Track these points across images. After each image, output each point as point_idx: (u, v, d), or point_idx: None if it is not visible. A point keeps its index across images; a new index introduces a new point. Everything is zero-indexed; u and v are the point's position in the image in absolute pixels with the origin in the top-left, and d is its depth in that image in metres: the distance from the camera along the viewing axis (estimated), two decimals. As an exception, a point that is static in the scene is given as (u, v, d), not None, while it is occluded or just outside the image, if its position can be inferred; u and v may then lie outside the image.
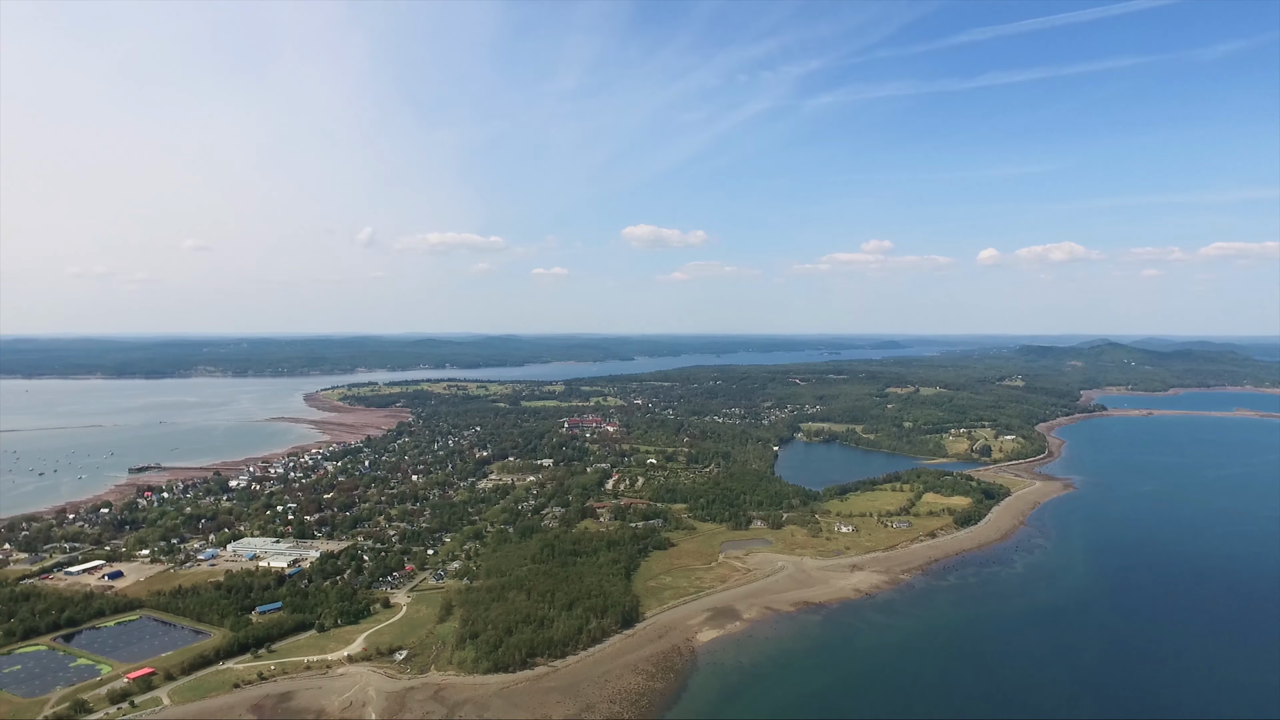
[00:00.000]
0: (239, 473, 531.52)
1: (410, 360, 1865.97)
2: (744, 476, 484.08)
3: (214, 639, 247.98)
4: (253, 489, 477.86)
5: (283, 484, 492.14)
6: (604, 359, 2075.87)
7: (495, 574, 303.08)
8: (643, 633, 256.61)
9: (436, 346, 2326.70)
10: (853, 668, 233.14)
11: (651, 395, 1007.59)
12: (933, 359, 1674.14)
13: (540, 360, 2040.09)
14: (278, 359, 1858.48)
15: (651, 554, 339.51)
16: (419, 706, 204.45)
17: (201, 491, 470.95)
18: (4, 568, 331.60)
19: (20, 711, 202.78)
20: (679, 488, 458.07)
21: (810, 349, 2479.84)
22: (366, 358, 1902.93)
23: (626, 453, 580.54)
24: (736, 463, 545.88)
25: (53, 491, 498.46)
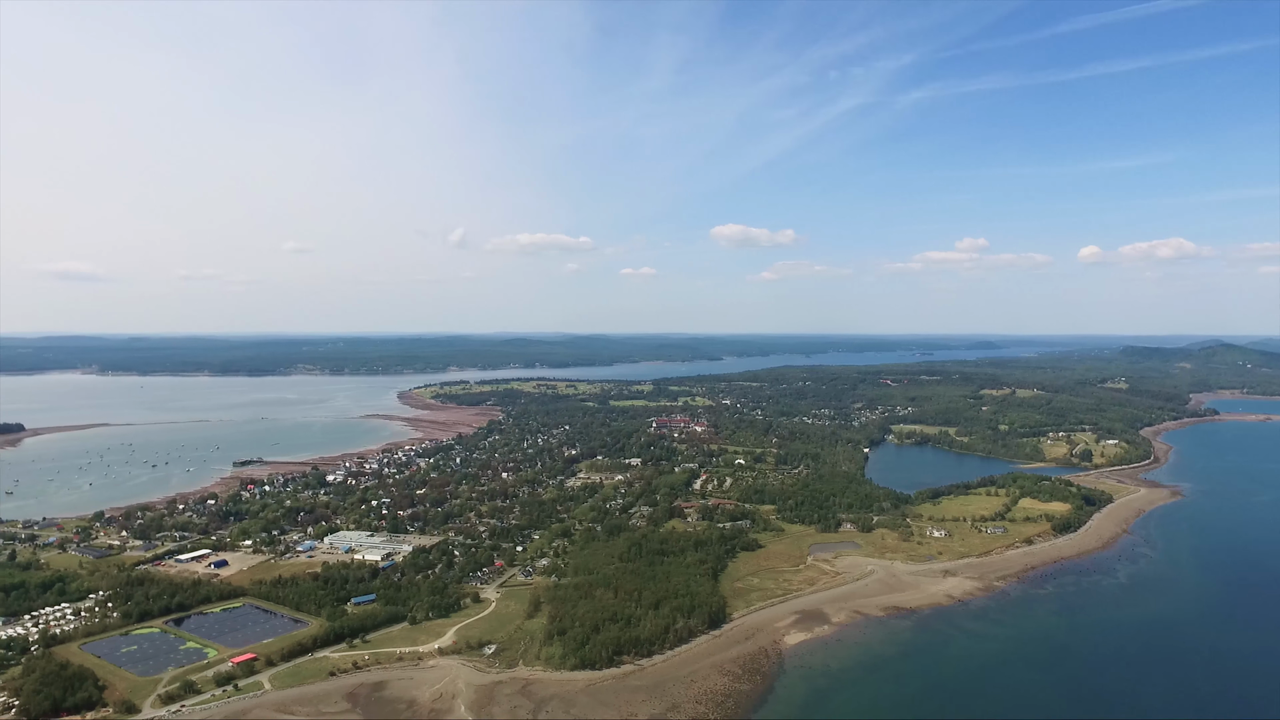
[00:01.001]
0: (336, 468, 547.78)
1: (501, 359, 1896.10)
2: (833, 478, 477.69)
3: (311, 628, 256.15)
4: (349, 484, 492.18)
5: (377, 479, 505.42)
6: (692, 359, 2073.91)
7: (583, 571, 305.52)
8: (729, 634, 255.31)
9: (526, 346, 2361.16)
10: (944, 675, 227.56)
11: (740, 395, 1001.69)
12: (1030, 360, 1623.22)
13: (629, 360, 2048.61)
14: (373, 358, 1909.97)
15: (739, 555, 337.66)
16: (507, 700, 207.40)
17: (300, 485, 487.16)
18: (121, 554, 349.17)
19: (136, 689, 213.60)
20: (767, 489, 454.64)
21: (902, 349, 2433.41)
22: (458, 357, 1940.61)
23: (714, 453, 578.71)
24: (826, 464, 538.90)
25: (164, 483, 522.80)
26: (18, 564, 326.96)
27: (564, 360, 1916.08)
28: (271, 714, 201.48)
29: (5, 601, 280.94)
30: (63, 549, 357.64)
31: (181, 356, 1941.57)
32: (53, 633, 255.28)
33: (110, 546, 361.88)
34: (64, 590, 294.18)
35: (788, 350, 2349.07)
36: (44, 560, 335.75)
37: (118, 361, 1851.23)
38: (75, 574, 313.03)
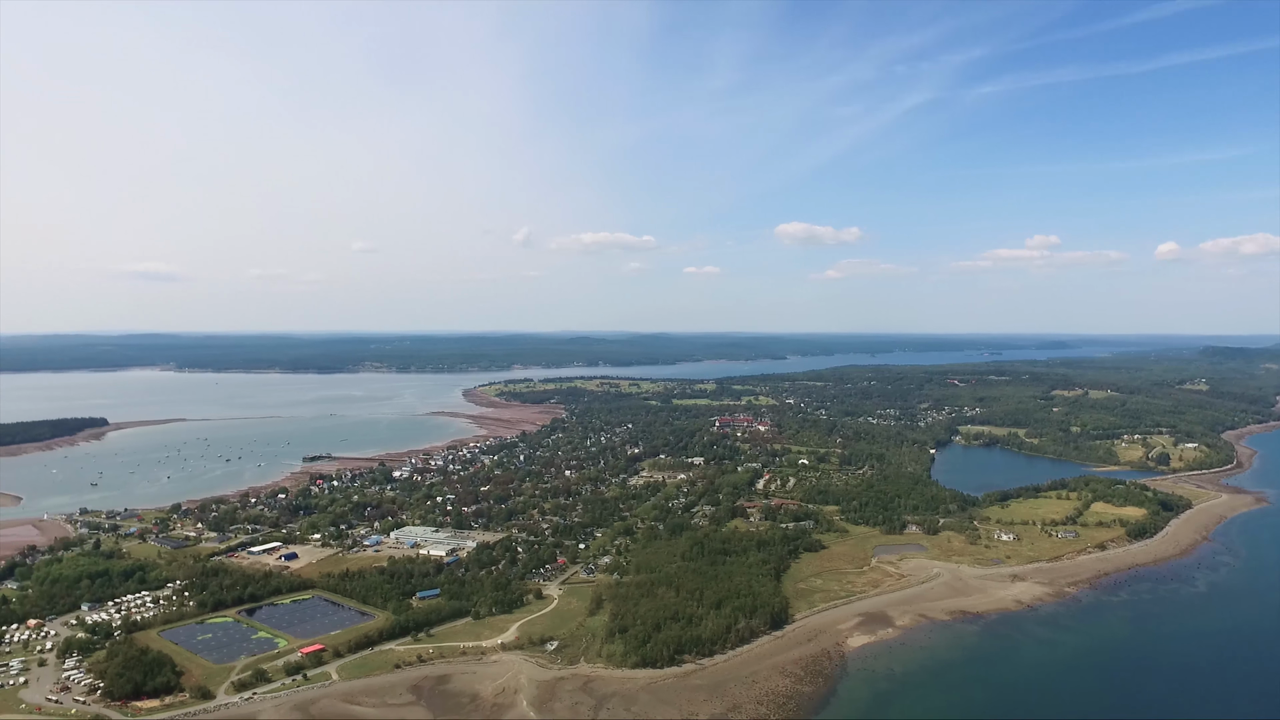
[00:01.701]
0: (402, 464, 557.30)
1: (564, 358, 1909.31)
2: (898, 479, 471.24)
3: (377, 621, 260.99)
4: (414, 480, 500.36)
5: (442, 476, 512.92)
6: (756, 358, 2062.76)
7: (645, 570, 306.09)
8: (792, 635, 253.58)
9: (590, 344, 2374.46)
10: (1012, 682, 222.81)
11: (804, 395, 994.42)
12: (1103, 360, 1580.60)
13: (692, 359, 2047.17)
14: (438, 355, 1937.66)
15: (802, 555, 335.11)
16: (568, 696, 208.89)
17: (368, 481, 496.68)
18: (197, 545, 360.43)
19: (211, 675, 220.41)
20: (831, 489, 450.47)
21: (969, 349, 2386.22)
22: (522, 355, 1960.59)
23: (778, 453, 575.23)
24: (891, 465, 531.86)
25: (237, 477, 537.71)
26: (102, 552, 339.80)
27: (627, 359, 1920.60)
28: (339, 704, 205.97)
29: (91, 588, 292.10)
30: (143, 539, 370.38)
31: (254, 354, 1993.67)
32: (134, 619, 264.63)
33: (187, 538, 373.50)
34: (144, 579, 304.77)
35: (852, 349, 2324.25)
36: (126, 549, 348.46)
37: (194, 359, 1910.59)
38: (154, 563, 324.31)
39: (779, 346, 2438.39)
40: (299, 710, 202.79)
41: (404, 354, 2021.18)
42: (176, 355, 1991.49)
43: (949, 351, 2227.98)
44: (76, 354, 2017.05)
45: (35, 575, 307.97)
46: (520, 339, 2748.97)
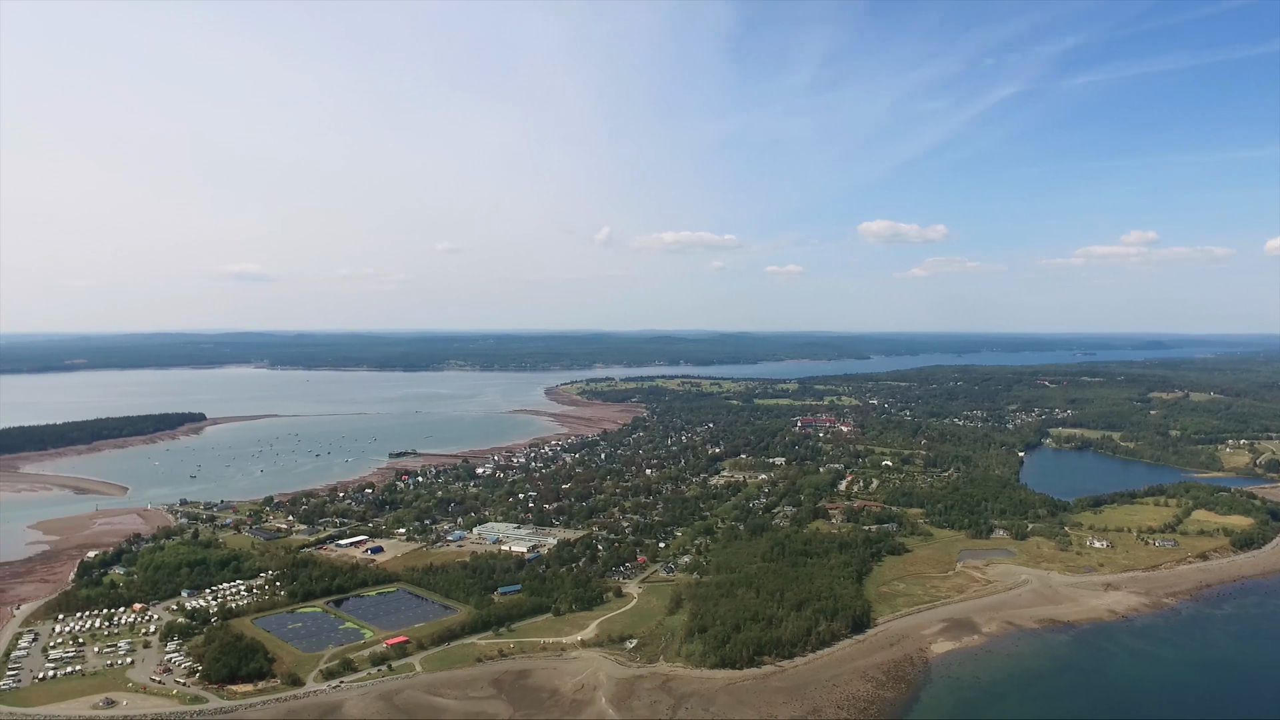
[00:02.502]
0: (485, 461, 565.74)
1: (646, 357, 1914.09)
2: (985, 482, 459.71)
3: (460, 615, 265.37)
4: (497, 477, 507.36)
5: (524, 473, 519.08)
6: (839, 357, 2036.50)
7: (725, 570, 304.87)
8: (873, 639, 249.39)
9: (671, 343, 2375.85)
10: (1104, 695, 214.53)
11: (888, 395, 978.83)
12: (1206, 361, 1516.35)
13: (774, 358, 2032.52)
14: (521, 354, 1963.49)
15: (885, 559, 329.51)
16: (647, 695, 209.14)
17: (451, 477, 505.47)
18: (288, 537, 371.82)
19: (301, 663, 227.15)
20: (915, 491, 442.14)
21: (1061, 349, 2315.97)
22: (604, 354, 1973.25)
23: (861, 454, 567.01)
24: (978, 468, 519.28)
25: (326, 472, 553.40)
26: (200, 542, 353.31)
27: (708, 358, 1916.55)
28: (422, 695, 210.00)
29: (190, 576, 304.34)
30: (237, 530, 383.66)
31: (343, 352, 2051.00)
32: (229, 606, 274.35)
33: (278, 529, 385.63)
34: (239, 568, 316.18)
35: (938, 349, 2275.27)
36: (222, 540, 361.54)
37: (286, 356, 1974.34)
38: (248, 554, 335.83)
39: (862, 346, 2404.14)
40: (384, 700, 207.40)
41: (487, 353, 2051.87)
42: (270, 353, 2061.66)
43: (1039, 351, 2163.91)
44: (178, 351, 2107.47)
45: (140, 562, 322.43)
46: (602, 338, 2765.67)
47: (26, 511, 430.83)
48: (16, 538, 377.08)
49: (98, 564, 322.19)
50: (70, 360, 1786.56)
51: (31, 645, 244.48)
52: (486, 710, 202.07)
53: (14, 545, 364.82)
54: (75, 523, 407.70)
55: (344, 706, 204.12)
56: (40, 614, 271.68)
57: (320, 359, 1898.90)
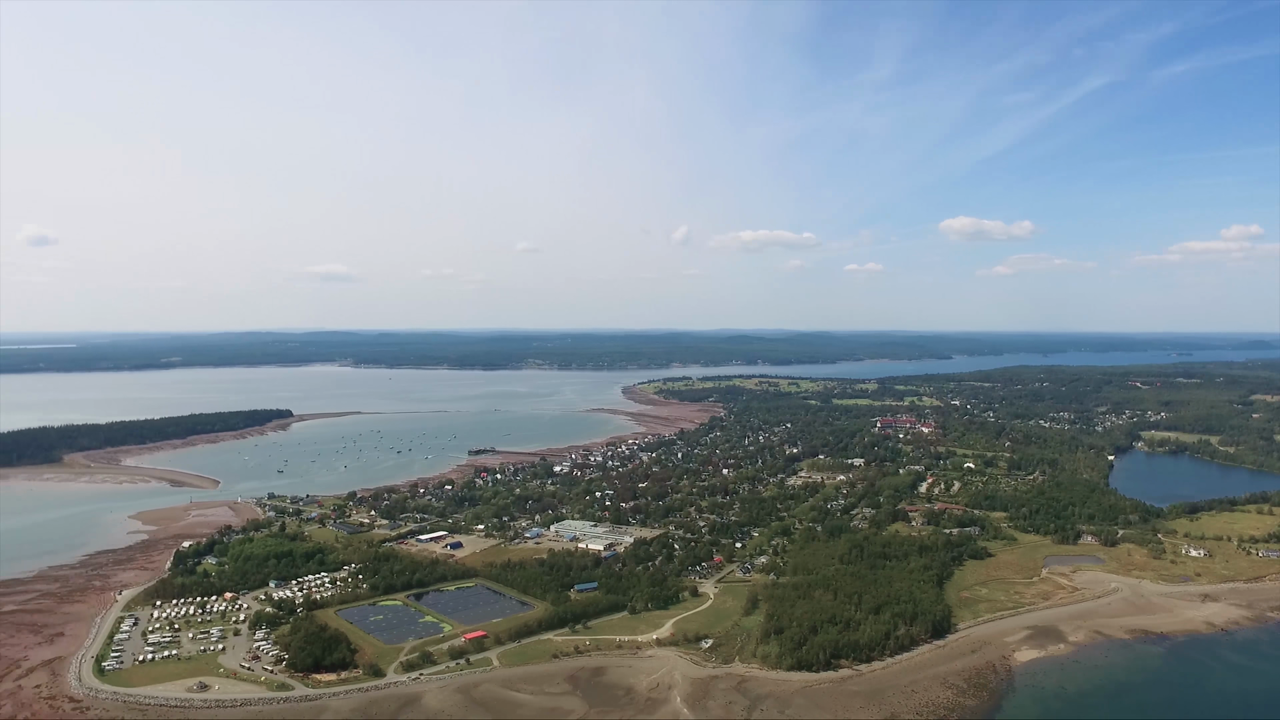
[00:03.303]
0: (562, 459, 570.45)
1: (723, 356, 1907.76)
2: (1072, 486, 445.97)
3: (537, 611, 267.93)
4: (574, 475, 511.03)
5: (601, 471, 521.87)
6: (919, 357, 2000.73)
7: (802, 571, 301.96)
8: (954, 645, 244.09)
9: (748, 343, 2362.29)
10: (1200, 711, 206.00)
11: (970, 396, 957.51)
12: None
13: (853, 358, 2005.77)
14: (598, 353, 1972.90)
15: (966, 563, 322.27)
16: (722, 695, 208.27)
17: (529, 475, 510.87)
18: (370, 531, 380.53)
19: (382, 655, 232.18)
20: (998, 495, 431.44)
21: (1154, 349, 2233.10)
22: (681, 353, 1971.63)
23: (942, 455, 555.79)
24: (1064, 471, 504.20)
25: (407, 468, 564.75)
26: (287, 534, 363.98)
27: (786, 357, 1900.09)
28: (499, 690, 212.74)
29: (277, 567, 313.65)
30: (322, 524, 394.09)
31: (423, 351, 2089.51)
32: (314, 598, 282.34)
33: (361, 524, 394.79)
34: (323, 561, 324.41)
35: (1023, 349, 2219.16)
36: (307, 533, 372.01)
37: (369, 355, 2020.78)
38: (332, 547, 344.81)
39: (944, 346, 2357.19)
40: (462, 693, 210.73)
41: (565, 351, 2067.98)
42: (353, 352, 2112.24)
43: (1131, 352, 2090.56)
44: (267, 350, 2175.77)
45: (231, 552, 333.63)
46: (679, 337, 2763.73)
47: (128, 502, 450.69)
48: (119, 527, 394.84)
49: (192, 554, 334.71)
50: (166, 358, 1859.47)
51: (132, 629, 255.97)
52: (562, 706, 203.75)
53: (117, 534, 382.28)
54: (171, 514, 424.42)
55: (423, 698, 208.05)
56: (140, 600, 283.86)
57: (402, 358, 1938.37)
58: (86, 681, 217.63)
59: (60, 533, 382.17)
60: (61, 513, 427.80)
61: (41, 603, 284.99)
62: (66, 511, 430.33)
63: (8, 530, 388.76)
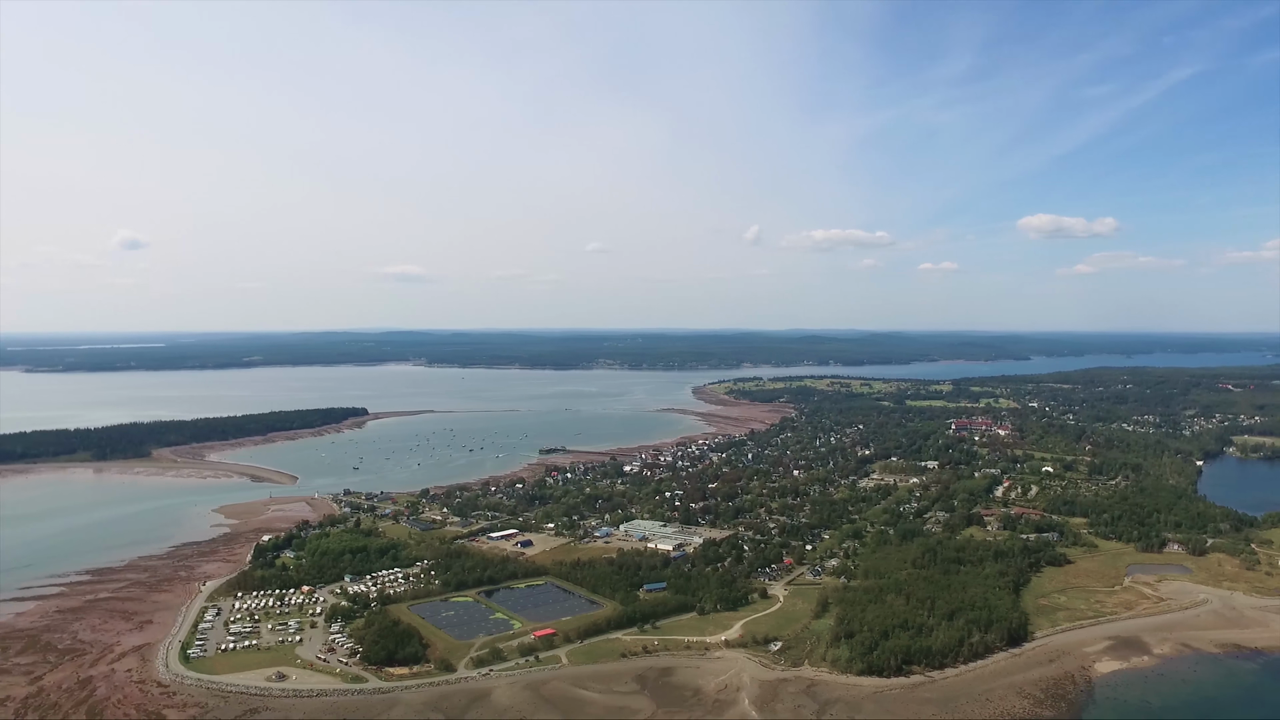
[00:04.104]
0: (632, 459, 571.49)
1: (794, 356, 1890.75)
2: (1158, 493, 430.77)
3: (605, 610, 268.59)
4: (644, 474, 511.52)
5: (671, 471, 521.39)
6: (996, 358, 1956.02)
7: (873, 575, 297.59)
8: (1030, 653, 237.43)
9: (820, 343, 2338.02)
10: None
11: (1049, 398, 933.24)
12: None
13: (927, 358, 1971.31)
14: (668, 353, 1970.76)
15: (1044, 569, 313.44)
16: (790, 699, 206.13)
17: (599, 474, 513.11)
18: (443, 528, 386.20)
19: (453, 650, 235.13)
20: (1078, 500, 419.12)
21: (1247, 350, 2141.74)
22: (751, 353, 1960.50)
23: (1019, 459, 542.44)
24: (1149, 476, 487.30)
25: (479, 466, 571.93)
26: (362, 530, 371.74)
27: (858, 358, 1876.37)
28: (568, 687, 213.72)
29: (352, 562, 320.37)
30: (396, 520, 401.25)
31: (495, 350, 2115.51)
32: (387, 593, 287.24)
33: (433, 521, 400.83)
34: (396, 557, 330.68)
35: (1104, 349, 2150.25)
36: (381, 529, 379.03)
37: (442, 355, 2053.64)
38: (405, 543, 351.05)
39: (1021, 346, 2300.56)
40: (531, 690, 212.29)
41: (635, 351, 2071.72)
42: (426, 351, 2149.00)
43: (1222, 353, 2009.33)
44: (343, 349, 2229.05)
45: (308, 547, 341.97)
46: (750, 337, 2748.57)
47: (211, 496, 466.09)
48: (203, 520, 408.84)
49: (271, 547, 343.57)
50: (248, 358, 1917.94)
51: (215, 619, 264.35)
52: (630, 705, 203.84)
53: (201, 527, 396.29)
54: (252, 508, 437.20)
55: (493, 694, 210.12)
56: (222, 591, 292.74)
57: (474, 357, 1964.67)
58: (173, 668, 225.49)
59: (149, 524, 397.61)
60: (150, 505, 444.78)
61: (132, 591, 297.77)
62: (155, 504, 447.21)
63: (102, 521, 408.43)
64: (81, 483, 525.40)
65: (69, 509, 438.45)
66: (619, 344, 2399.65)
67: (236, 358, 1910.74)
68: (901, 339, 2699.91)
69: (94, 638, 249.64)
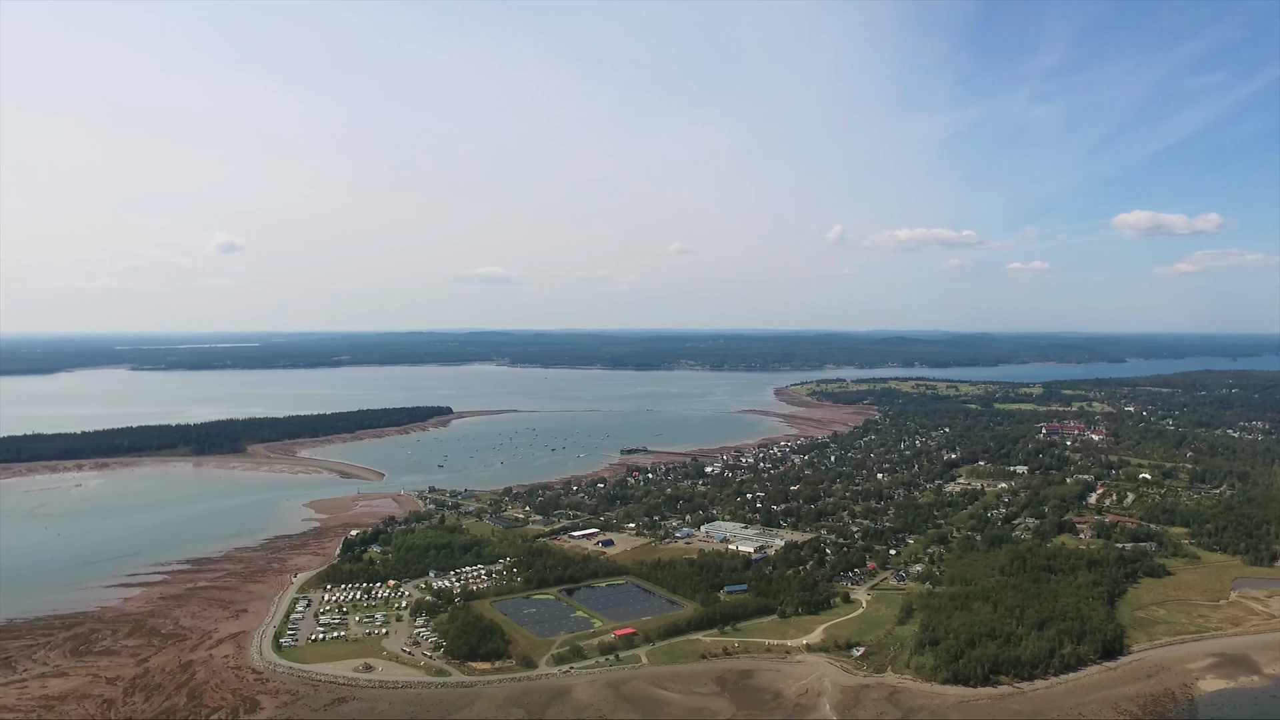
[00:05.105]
0: (713, 460, 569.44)
1: (877, 358, 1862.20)
2: (1268, 502, 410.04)
3: (686, 610, 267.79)
4: (725, 476, 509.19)
5: (752, 473, 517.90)
6: (1089, 360, 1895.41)
7: (960, 581, 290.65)
8: (1127, 668, 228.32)
9: (904, 344, 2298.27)
10: None
11: (1146, 402, 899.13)
12: None
13: (1015, 360, 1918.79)
14: (750, 354, 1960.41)
15: (1141, 580, 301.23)
16: (873, 705, 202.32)
17: (680, 475, 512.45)
18: (525, 526, 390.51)
19: (534, 647, 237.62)
20: (1179, 509, 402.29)
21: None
22: (834, 354, 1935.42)
23: (1114, 465, 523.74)
24: (1257, 486, 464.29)
25: (560, 465, 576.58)
26: (446, 527, 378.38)
27: (944, 359, 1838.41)
28: (647, 687, 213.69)
29: (437, 558, 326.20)
30: (479, 518, 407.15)
31: (578, 351, 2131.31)
32: (471, 588, 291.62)
33: (516, 519, 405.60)
34: (480, 554, 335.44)
35: (1207, 352, 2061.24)
36: (465, 526, 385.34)
37: (525, 355, 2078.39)
38: (488, 540, 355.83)
39: (1116, 348, 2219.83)
40: (611, 688, 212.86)
41: (717, 352, 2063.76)
42: (510, 351, 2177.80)
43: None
44: (428, 349, 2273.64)
45: (394, 542, 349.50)
46: (833, 338, 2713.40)
47: (302, 491, 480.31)
48: (295, 514, 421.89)
49: (359, 542, 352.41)
50: (337, 357, 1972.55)
51: (305, 610, 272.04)
52: (709, 707, 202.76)
53: (293, 520, 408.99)
54: (341, 503, 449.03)
55: (573, 691, 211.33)
56: (312, 583, 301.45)
57: (557, 357, 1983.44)
58: (266, 656, 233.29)
59: (244, 517, 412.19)
60: (245, 499, 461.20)
61: (228, 581, 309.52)
62: (249, 498, 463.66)
63: (201, 513, 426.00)
64: (182, 476, 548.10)
65: (171, 501, 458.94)
66: (700, 345, 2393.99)
67: (326, 357, 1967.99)
68: (989, 340, 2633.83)
69: (194, 624, 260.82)
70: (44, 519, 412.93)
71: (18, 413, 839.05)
